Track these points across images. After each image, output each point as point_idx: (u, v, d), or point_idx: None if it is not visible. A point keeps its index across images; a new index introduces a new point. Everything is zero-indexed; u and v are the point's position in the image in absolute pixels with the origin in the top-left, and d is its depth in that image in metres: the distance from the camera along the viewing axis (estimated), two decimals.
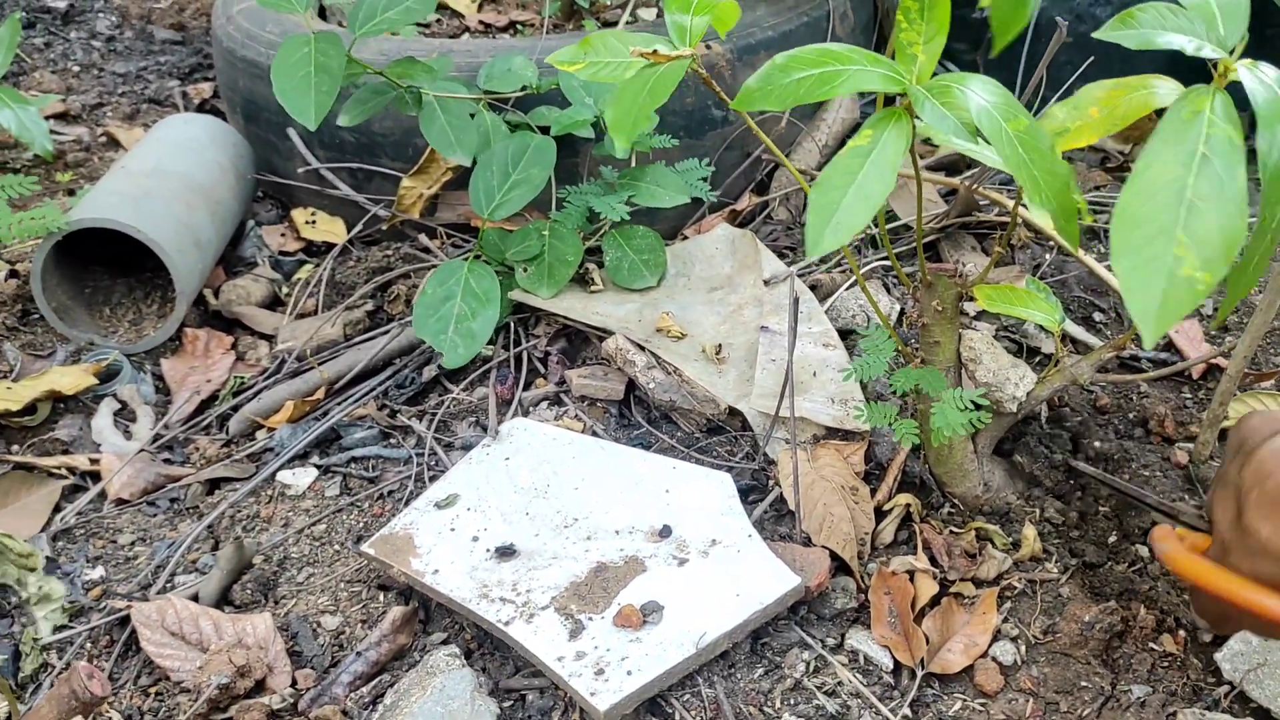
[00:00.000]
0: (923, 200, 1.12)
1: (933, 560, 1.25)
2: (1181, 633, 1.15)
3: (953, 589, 1.22)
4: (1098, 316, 1.57)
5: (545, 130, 1.69)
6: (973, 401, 1.16)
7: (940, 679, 1.14)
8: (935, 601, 1.21)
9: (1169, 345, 1.50)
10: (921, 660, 1.14)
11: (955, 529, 1.26)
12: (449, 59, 1.69)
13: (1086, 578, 1.23)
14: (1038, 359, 1.49)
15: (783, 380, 1.38)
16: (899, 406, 1.33)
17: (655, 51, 1.00)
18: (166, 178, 1.77)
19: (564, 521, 1.27)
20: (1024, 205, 1.08)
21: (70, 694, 0.92)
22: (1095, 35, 0.79)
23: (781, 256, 1.75)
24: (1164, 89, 0.86)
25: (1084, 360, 1.24)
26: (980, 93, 0.83)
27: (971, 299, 1.21)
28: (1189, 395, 1.44)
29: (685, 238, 1.89)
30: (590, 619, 1.13)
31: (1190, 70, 0.88)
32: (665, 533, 1.23)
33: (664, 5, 1.06)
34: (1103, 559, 1.24)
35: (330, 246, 1.95)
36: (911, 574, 1.23)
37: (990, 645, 1.16)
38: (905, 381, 1.16)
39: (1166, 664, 1.13)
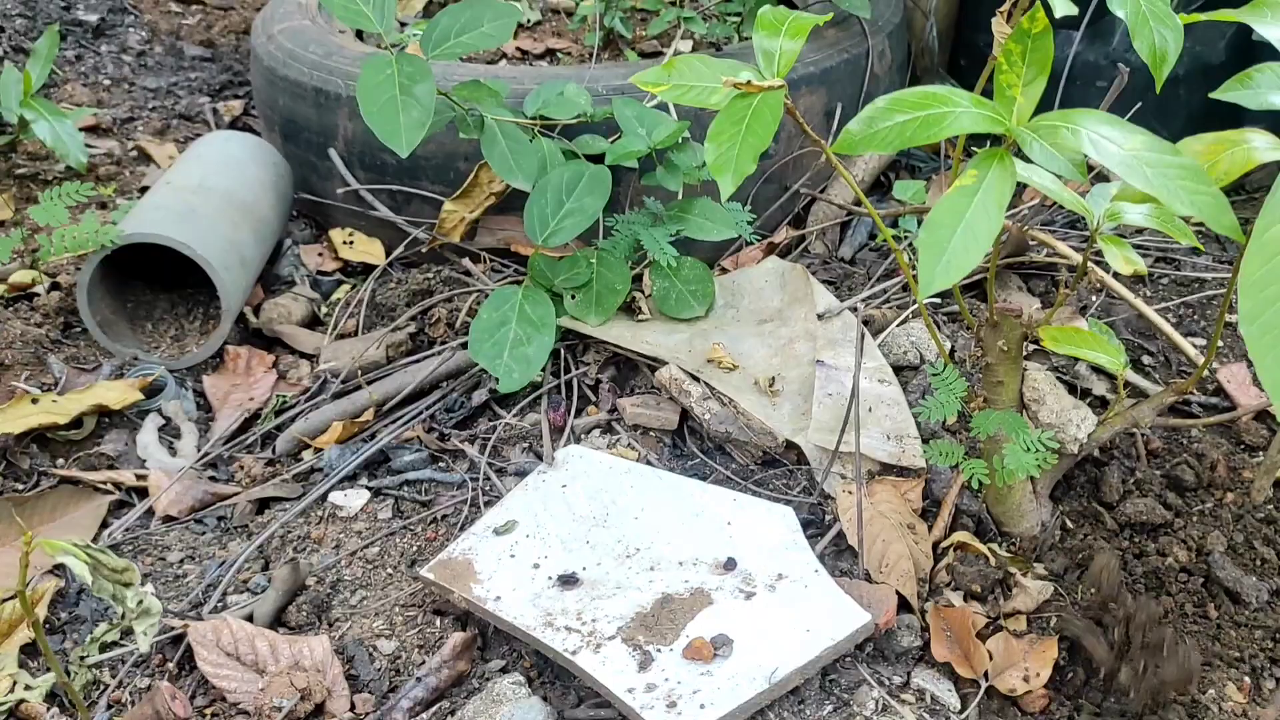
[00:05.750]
0: (998, 240, 1.13)
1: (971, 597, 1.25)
2: (1246, 680, 1.15)
3: (1006, 625, 1.22)
4: (1146, 359, 1.58)
5: (591, 158, 1.70)
6: (1041, 443, 1.16)
7: None
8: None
9: (1218, 390, 1.52)
10: (985, 673, 1.14)
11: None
12: (504, 84, 1.69)
13: None
14: (1088, 400, 1.50)
15: (842, 415, 1.38)
16: (958, 442, 1.33)
17: (749, 82, 1.00)
18: (211, 194, 1.77)
19: (625, 551, 1.26)
20: (1097, 256, 1.08)
21: (154, 714, 0.91)
22: (1213, 95, 0.80)
23: None
24: (1261, 143, 0.88)
25: (1145, 404, 1.25)
26: (1095, 128, 0.84)
27: (1035, 340, 1.22)
28: (1239, 441, 1.45)
29: (723, 269, 1.89)
30: (659, 650, 1.12)
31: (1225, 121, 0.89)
32: (730, 565, 1.22)
33: (753, 30, 1.05)
34: None
35: (367, 267, 1.95)
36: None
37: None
38: (986, 425, 1.16)
39: None
